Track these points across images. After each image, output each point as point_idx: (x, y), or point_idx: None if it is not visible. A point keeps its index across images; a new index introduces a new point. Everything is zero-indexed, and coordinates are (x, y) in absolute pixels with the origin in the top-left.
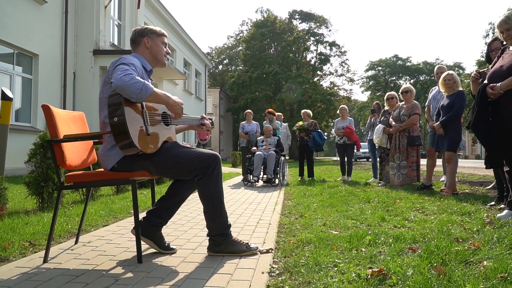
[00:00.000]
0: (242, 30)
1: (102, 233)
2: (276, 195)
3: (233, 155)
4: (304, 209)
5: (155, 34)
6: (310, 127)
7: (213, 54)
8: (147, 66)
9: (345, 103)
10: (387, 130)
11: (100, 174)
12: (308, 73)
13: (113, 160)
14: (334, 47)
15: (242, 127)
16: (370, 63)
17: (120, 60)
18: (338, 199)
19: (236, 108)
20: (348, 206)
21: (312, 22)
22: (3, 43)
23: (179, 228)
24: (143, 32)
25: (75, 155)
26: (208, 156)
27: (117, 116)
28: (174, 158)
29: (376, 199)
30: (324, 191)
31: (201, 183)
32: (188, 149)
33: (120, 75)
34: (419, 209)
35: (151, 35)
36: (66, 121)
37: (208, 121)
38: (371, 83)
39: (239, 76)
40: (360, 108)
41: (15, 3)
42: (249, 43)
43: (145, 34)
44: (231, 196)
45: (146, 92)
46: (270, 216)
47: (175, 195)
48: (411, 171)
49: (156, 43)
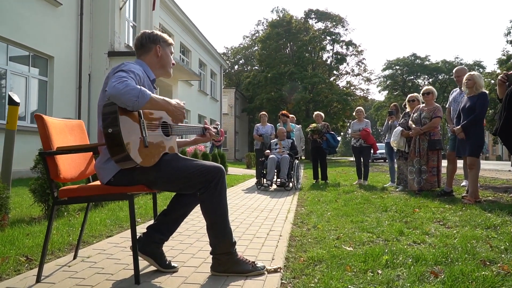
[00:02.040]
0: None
1: (104, 245)
2: (289, 201)
3: (247, 156)
4: (317, 218)
5: (166, 43)
6: (323, 129)
7: (229, 54)
8: (150, 75)
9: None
10: (406, 133)
11: (96, 188)
12: (324, 73)
13: (109, 173)
14: (351, 46)
15: (257, 129)
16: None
17: (119, 66)
18: (353, 207)
19: (252, 108)
20: (364, 215)
21: (328, 22)
22: (18, 45)
23: (184, 240)
24: (155, 39)
25: (71, 167)
26: (211, 169)
27: (111, 126)
28: (175, 172)
29: (393, 208)
30: (339, 197)
31: (204, 198)
32: (190, 161)
33: (114, 83)
34: (440, 221)
35: (163, 44)
36: (62, 131)
37: (212, 130)
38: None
39: (255, 76)
40: (377, 108)
41: (30, 6)
42: (264, 43)
43: (157, 41)
44: (243, 202)
45: (143, 99)
46: (281, 226)
47: (177, 209)
48: (431, 176)
49: (166, 52)
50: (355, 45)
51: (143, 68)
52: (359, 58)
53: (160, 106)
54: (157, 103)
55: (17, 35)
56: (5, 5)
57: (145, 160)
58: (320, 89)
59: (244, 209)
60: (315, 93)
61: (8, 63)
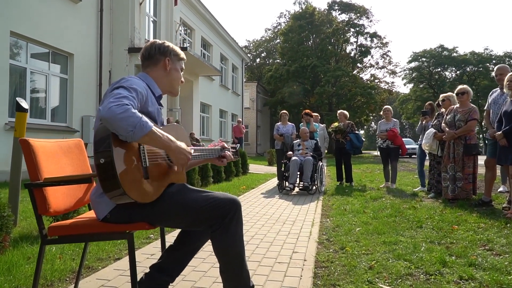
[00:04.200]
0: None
1: (110, 273)
2: (313, 209)
3: (269, 152)
4: (345, 235)
5: (177, 57)
6: (346, 128)
7: (251, 47)
8: (156, 91)
9: (386, 97)
10: (439, 136)
11: (91, 225)
12: (348, 66)
13: (105, 209)
14: (375, 38)
15: (277, 128)
16: (413, 54)
17: (120, 82)
18: (383, 221)
19: (274, 102)
20: (397, 233)
21: (352, 13)
22: (38, 43)
23: (198, 265)
24: (165, 51)
25: (65, 195)
26: (225, 202)
27: (103, 156)
28: (181, 206)
29: (429, 223)
30: (367, 206)
31: (216, 237)
32: (199, 193)
33: (111, 104)
34: (485, 244)
35: (173, 57)
36: (55, 155)
37: (229, 152)
38: (414, 75)
39: (277, 69)
40: (402, 101)
41: (49, 3)
42: (286, 35)
43: (168, 53)
44: (263, 210)
45: (141, 131)
46: (305, 244)
47: (186, 244)
48: (466, 184)
49: (176, 67)
50: (380, 37)
51: (147, 82)
52: (384, 51)
53: (160, 143)
54: (156, 139)
55: (36, 32)
56: (23, 3)
57: (145, 195)
58: (344, 82)
59: (265, 220)
60: (338, 86)
61: (28, 61)
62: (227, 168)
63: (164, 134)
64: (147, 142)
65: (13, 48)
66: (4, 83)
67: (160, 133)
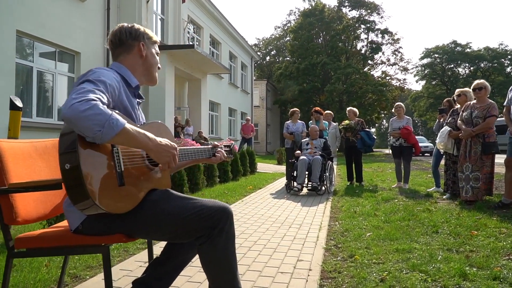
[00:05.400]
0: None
1: (97, 284)
2: (321, 211)
3: (279, 151)
4: (354, 241)
5: (151, 40)
6: (357, 126)
7: (260, 45)
8: (132, 81)
9: (398, 94)
10: (454, 134)
11: (62, 237)
12: (358, 63)
13: (77, 219)
14: (387, 34)
15: (287, 127)
16: (426, 50)
17: (86, 75)
18: (396, 226)
19: (283, 100)
20: (411, 240)
21: (362, 9)
22: (44, 42)
23: (194, 275)
24: (137, 35)
25: (37, 203)
26: (214, 211)
27: (68, 160)
28: (163, 216)
29: (445, 227)
30: (378, 208)
31: (204, 250)
32: (185, 200)
33: (73, 101)
34: (510, 253)
35: (147, 41)
36: (28, 157)
37: (221, 151)
38: (426, 71)
39: (286, 67)
40: (414, 98)
41: (56, 2)
42: (296, 33)
43: (140, 37)
44: (269, 212)
45: (111, 130)
46: (312, 251)
47: (172, 257)
48: (484, 184)
49: (152, 52)
50: (391, 33)
51: (121, 72)
52: (395, 47)
53: (136, 142)
54: (131, 138)
55: (43, 31)
56: (30, 2)
57: (119, 205)
58: (354, 80)
59: (270, 223)
60: (349, 84)
61: (35, 60)
62: (234, 168)
63: (140, 132)
64: (120, 142)
65: (20, 47)
66: (11, 82)
67: (136, 131)
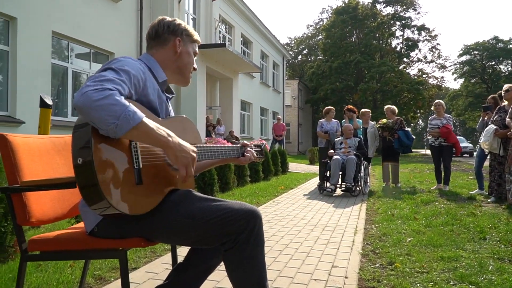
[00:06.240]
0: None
1: None
2: (356, 213)
3: (311, 151)
4: (393, 246)
5: (190, 39)
6: (395, 125)
7: (292, 44)
8: (159, 75)
9: (435, 92)
10: (501, 133)
11: (77, 240)
12: (393, 61)
13: (92, 220)
14: (423, 31)
15: (321, 125)
16: (465, 47)
17: (109, 63)
18: (439, 231)
19: (316, 99)
20: (457, 246)
21: (398, 5)
22: (79, 42)
23: (222, 280)
24: (176, 29)
25: (54, 202)
26: (241, 214)
27: (82, 155)
28: (185, 219)
29: (493, 233)
30: (418, 211)
31: (230, 257)
32: (209, 202)
33: (88, 88)
34: None
35: (186, 38)
36: (45, 153)
37: (251, 150)
38: (465, 69)
39: (319, 66)
40: (452, 97)
41: (90, 3)
42: (329, 31)
43: (179, 32)
44: (302, 213)
45: (127, 123)
46: (347, 257)
47: (196, 263)
48: None
49: (188, 50)
50: (428, 29)
51: (149, 65)
52: (433, 44)
53: (153, 139)
54: (149, 134)
55: (77, 32)
56: (65, 3)
57: (137, 206)
58: (389, 78)
59: (302, 225)
60: (383, 82)
61: (70, 60)
62: (266, 167)
63: (159, 128)
64: (136, 138)
65: (55, 48)
66: (47, 82)
67: (154, 126)
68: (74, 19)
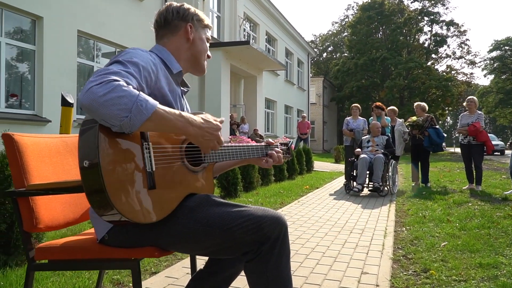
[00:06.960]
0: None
1: None
2: (385, 214)
3: (336, 149)
4: (427, 251)
5: (202, 23)
6: (425, 123)
7: (317, 41)
8: (174, 66)
9: (464, 89)
10: None
11: (86, 248)
12: (421, 57)
13: (103, 227)
14: (452, 26)
15: (347, 123)
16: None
17: (117, 55)
18: (475, 234)
19: (341, 97)
20: (495, 252)
21: (426, 1)
22: (104, 41)
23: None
24: (186, 15)
25: (66, 206)
26: (264, 222)
27: (88, 157)
28: (203, 227)
29: None
30: (451, 212)
31: (251, 269)
32: (229, 208)
33: (91, 84)
34: None
35: (197, 23)
36: (56, 153)
37: (277, 150)
38: (495, 65)
39: (344, 63)
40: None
41: (115, 2)
42: (354, 28)
43: (189, 18)
44: (328, 214)
45: (140, 114)
46: (377, 262)
47: (218, 271)
48: None
49: (201, 36)
50: (457, 24)
51: (162, 56)
52: (462, 39)
53: (172, 126)
54: (166, 121)
55: (102, 31)
56: (90, 2)
57: (149, 213)
58: (416, 74)
59: (329, 227)
60: (411, 79)
61: (95, 59)
62: (290, 166)
63: (176, 113)
64: (153, 128)
65: (81, 47)
66: (73, 81)
67: (171, 112)
68: (99, 18)
